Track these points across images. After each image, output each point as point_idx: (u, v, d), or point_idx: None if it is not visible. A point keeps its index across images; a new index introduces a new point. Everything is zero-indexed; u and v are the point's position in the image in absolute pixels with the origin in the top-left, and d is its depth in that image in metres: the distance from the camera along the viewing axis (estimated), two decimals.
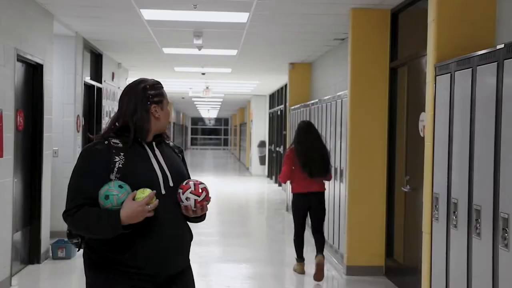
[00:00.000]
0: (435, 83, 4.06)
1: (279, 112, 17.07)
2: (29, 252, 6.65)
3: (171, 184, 2.55)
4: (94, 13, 7.21)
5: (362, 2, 6.28)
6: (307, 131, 6.46)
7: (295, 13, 6.89)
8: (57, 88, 7.79)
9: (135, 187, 2.45)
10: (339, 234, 7.07)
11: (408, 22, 6.16)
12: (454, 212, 3.67)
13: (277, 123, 17.52)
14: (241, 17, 7.10)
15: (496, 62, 3.18)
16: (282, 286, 6.54)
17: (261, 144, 20.75)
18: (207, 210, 2.60)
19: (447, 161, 3.84)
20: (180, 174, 2.62)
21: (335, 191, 7.33)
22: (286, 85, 13.39)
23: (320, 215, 6.46)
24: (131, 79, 14.68)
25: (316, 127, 8.49)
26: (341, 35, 8.04)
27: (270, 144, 19.30)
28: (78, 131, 8.46)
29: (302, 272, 6.52)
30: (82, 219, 2.45)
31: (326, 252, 6.96)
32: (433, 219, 4.04)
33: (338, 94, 7.40)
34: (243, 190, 16.02)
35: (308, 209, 6.43)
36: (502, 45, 3.13)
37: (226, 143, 47.79)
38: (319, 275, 6.17)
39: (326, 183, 6.67)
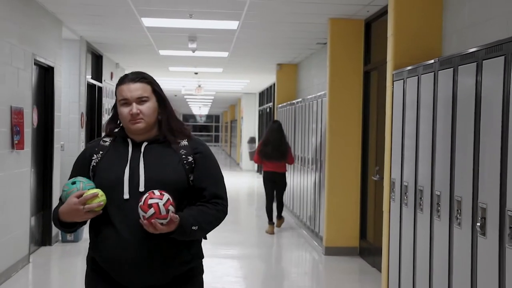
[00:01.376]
0: (393, 88, 4.88)
1: (268, 110, 17.85)
2: (42, 235, 7.44)
3: (141, 189, 2.34)
4: (99, 20, 7.99)
5: (339, 13, 7.08)
6: (274, 130, 8.78)
7: (280, 21, 7.69)
8: (64, 88, 8.55)
9: (99, 187, 2.36)
10: (319, 218, 7.88)
11: (379, 31, 6.96)
12: (406, 193, 4.50)
13: (266, 120, 18.30)
14: (232, 24, 7.90)
15: (433, 72, 4.00)
16: (266, 264, 7.37)
17: (251, 141, 21.53)
18: (169, 229, 2.27)
19: (400, 153, 4.66)
20: (161, 180, 2.36)
21: (315, 180, 8.16)
22: (274, 84, 14.16)
23: (281, 188, 8.95)
24: None
25: (301, 123, 9.30)
26: (323, 40, 8.84)
27: (259, 140, 20.09)
28: (82, 127, 9.24)
29: (272, 232, 8.73)
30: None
31: (306, 234, 7.97)
32: (390, 200, 4.87)
33: (318, 94, 8.21)
34: (234, 184, 16.81)
35: (274, 183, 8.81)
36: (437, 59, 3.95)
37: (217, 139, 48.54)
38: (278, 225, 9.12)
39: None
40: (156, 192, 2.25)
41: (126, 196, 2.34)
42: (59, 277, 6.61)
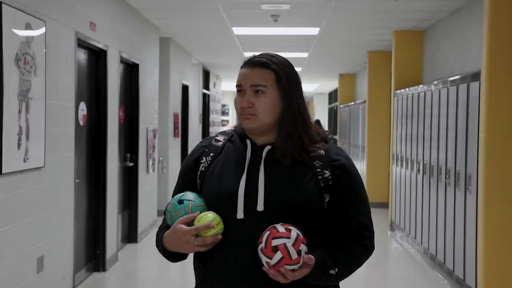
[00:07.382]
0: (394, 102, 8.62)
1: (335, 108, 21.56)
2: None
3: (259, 208, 1.80)
4: (214, 53, 12.05)
5: (374, 48, 10.82)
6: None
7: (336, 54, 11.50)
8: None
9: (207, 200, 1.86)
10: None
11: None
12: (397, 160, 8.24)
13: (333, 116, 22.01)
14: (303, 54, 11.77)
15: (411, 94, 7.72)
16: None
17: None
18: (302, 275, 1.73)
19: (399, 139, 8.40)
20: (287, 199, 1.80)
21: (361, 159, 11.94)
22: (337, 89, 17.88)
23: None
24: (223, 83, 19.65)
25: (353, 119, 13.07)
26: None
27: (329, 133, 23.84)
28: (200, 123, 13.38)
29: None
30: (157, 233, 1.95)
31: None
32: (393, 165, 8.62)
33: (362, 100, 11.97)
34: None
35: None
36: (408, 88, 7.67)
37: None
38: None
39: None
40: (280, 228, 1.71)
41: (240, 215, 1.81)
42: None
